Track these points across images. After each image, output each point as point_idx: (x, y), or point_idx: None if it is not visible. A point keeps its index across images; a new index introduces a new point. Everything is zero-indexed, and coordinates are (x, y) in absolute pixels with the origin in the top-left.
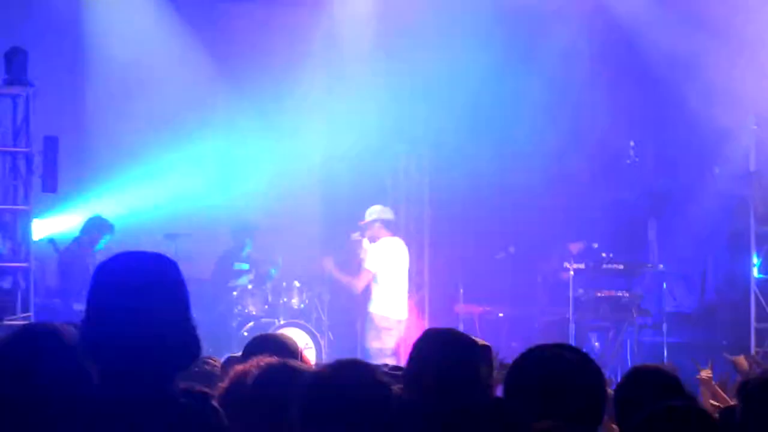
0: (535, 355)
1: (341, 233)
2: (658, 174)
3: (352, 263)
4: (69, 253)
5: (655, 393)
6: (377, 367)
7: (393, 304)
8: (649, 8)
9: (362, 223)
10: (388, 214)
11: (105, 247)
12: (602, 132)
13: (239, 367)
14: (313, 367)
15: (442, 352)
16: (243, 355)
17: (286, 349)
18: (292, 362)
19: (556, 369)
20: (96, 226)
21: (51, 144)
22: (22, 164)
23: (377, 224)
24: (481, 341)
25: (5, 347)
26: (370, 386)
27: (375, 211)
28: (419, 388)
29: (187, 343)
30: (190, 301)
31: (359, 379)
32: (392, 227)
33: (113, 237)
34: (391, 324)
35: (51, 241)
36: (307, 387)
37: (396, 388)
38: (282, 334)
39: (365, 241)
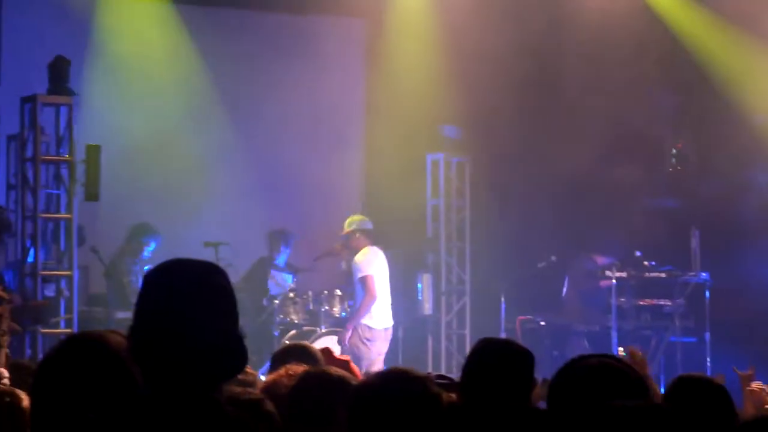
0: (581, 365)
1: (381, 241)
2: (701, 181)
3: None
4: (113, 261)
5: (702, 403)
6: (428, 377)
7: (378, 314)
8: (692, 10)
9: (342, 233)
10: (367, 223)
11: (151, 254)
12: (644, 138)
13: (269, 377)
14: (360, 376)
15: (499, 361)
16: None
17: (310, 357)
18: (335, 371)
19: (603, 380)
20: (140, 234)
21: (94, 152)
22: (64, 173)
23: (357, 234)
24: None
25: (52, 357)
26: (422, 398)
27: (355, 221)
28: (475, 396)
29: (234, 352)
30: (238, 310)
31: (411, 391)
32: (372, 237)
33: (158, 244)
34: (376, 335)
35: (94, 249)
36: (355, 398)
37: (446, 398)
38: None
39: (341, 251)
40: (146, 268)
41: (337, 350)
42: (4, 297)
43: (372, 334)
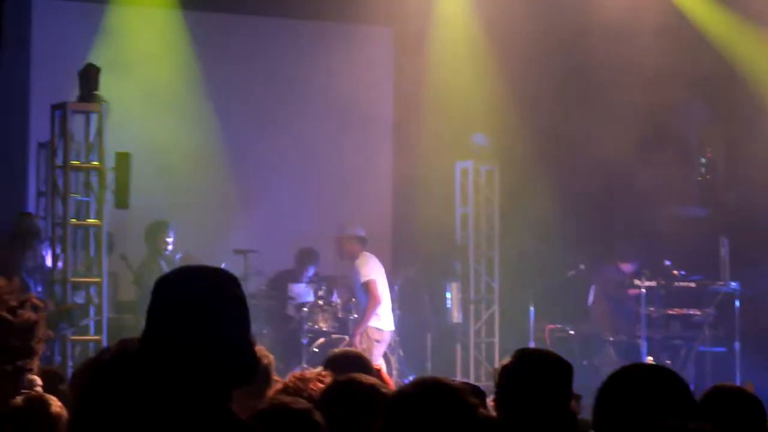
0: (627, 376)
1: (410, 249)
2: (730, 189)
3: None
4: (142, 267)
5: (736, 413)
6: (463, 387)
7: (384, 316)
8: (723, 14)
9: (340, 237)
10: (361, 230)
11: (173, 245)
12: (673, 147)
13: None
14: (391, 385)
15: (536, 373)
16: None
17: (360, 364)
18: (367, 378)
19: (650, 391)
20: (157, 231)
21: (123, 160)
22: (94, 180)
23: (354, 239)
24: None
25: (85, 368)
26: (459, 409)
27: (350, 226)
28: (512, 408)
29: (244, 359)
30: (250, 317)
31: (448, 401)
32: (365, 242)
33: (174, 234)
34: (384, 336)
35: (123, 256)
36: (391, 407)
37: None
38: (354, 351)
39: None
40: (177, 256)
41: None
42: (39, 305)
43: (381, 336)
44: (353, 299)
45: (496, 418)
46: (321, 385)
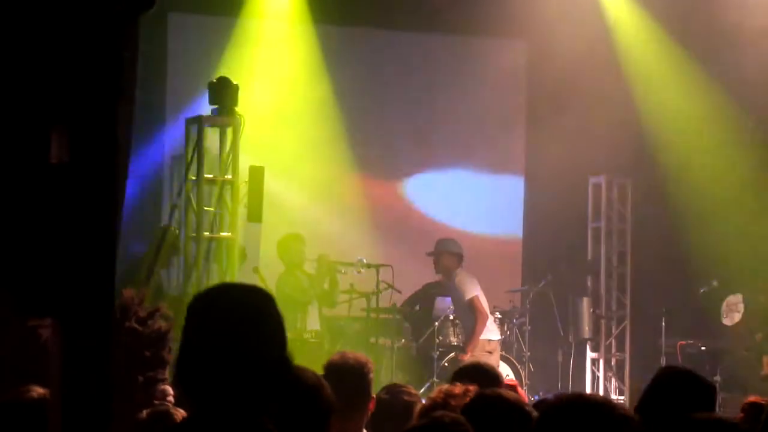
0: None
1: (541, 264)
2: None
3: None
4: (280, 280)
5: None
6: (613, 402)
7: (492, 327)
8: None
9: (439, 252)
10: (460, 247)
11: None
12: None
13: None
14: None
15: (680, 390)
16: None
17: (489, 377)
18: (509, 393)
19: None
20: (287, 245)
21: (257, 174)
22: (227, 193)
23: (453, 256)
24: None
25: None
26: (613, 424)
27: (449, 243)
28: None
29: (277, 376)
30: (285, 335)
31: (601, 417)
32: (461, 260)
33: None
34: (494, 345)
35: (256, 269)
36: (541, 422)
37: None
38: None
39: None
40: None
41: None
42: (169, 315)
43: (491, 346)
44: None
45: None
46: (467, 400)
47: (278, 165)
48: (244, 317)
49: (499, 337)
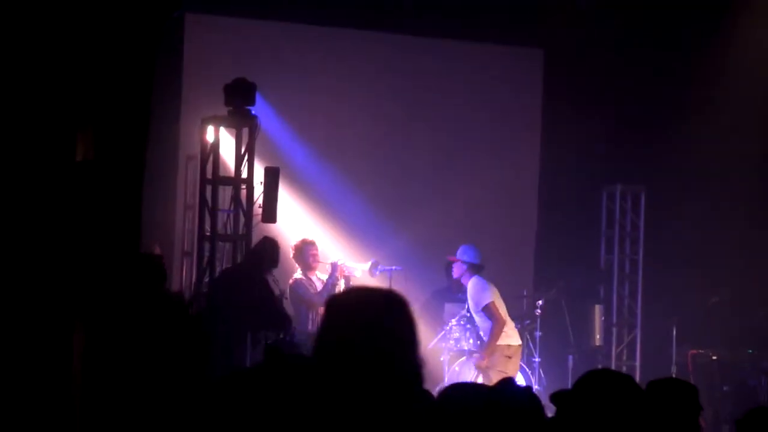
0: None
1: (554, 271)
2: None
3: None
4: (294, 282)
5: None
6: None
7: (512, 332)
8: None
9: (456, 260)
10: (478, 256)
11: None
12: None
13: None
14: None
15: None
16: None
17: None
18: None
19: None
20: (300, 250)
21: (272, 175)
22: (243, 194)
23: (469, 264)
24: None
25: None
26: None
27: (467, 252)
28: None
29: (409, 380)
30: (418, 336)
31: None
32: (479, 269)
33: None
34: (514, 350)
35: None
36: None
37: None
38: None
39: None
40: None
41: (471, 376)
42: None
43: (511, 351)
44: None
45: None
46: None
47: (293, 167)
48: (375, 319)
49: (519, 342)
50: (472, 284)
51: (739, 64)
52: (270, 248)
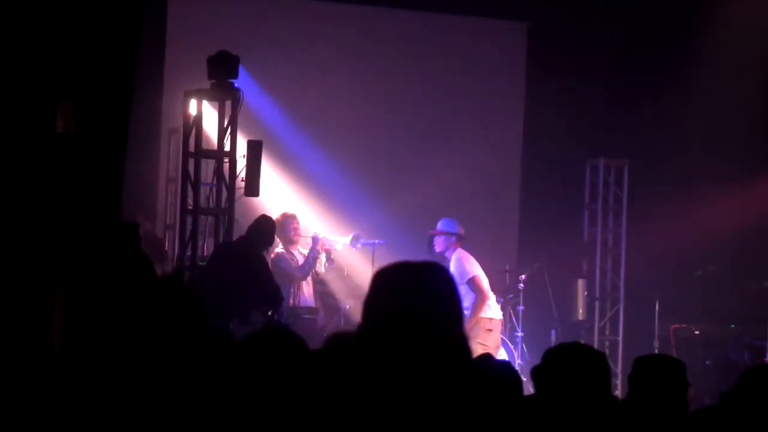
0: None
1: (537, 245)
2: None
3: None
4: (276, 257)
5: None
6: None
7: (494, 306)
8: None
9: (436, 233)
10: (460, 227)
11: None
12: None
13: None
14: None
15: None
16: None
17: None
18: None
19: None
20: (281, 224)
21: (255, 148)
22: (225, 167)
23: (451, 236)
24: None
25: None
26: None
27: (448, 223)
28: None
29: (457, 349)
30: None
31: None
32: (461, 240)
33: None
34: (495, 324)
35: None
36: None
37: None
38: None
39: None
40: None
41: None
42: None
43: (492, 324)
44: None
45: None
46: None
47: (276, 141)
48: (423, 288)
49: (500, 316)
50: (455, 258)
51: (724, 38)
52: (265, 225)
